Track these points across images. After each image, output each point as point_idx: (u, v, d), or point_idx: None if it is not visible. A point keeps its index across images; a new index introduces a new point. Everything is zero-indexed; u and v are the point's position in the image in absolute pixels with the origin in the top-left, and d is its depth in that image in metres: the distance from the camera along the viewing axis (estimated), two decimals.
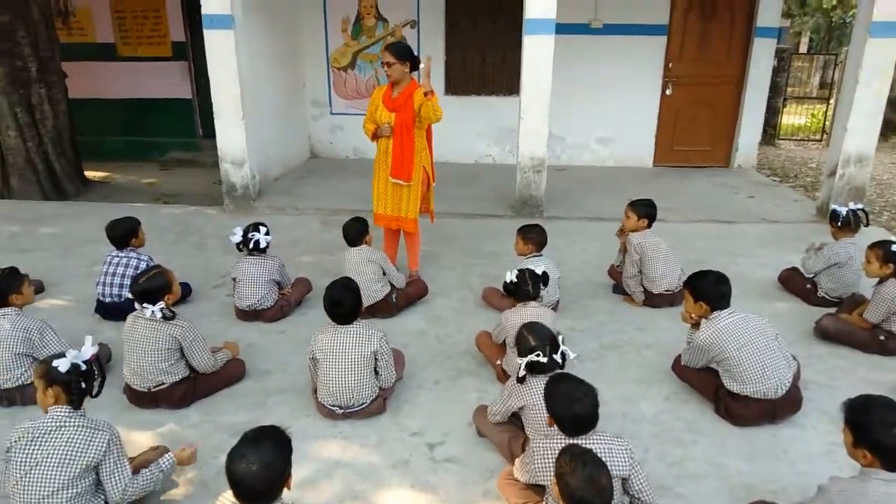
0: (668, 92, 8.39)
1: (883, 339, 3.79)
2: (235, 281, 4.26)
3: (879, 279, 3.82)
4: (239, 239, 4.26)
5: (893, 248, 3.75)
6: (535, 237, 4.25)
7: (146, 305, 3.17)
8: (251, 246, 4.23)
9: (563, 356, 2.78)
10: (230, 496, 1.98)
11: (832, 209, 4.54)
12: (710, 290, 3.19)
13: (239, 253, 4.35)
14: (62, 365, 2.39)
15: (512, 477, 2.57)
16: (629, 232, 4.47)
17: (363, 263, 4.22)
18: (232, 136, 6.45)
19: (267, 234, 4.28)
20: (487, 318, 4.21)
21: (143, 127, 9.65)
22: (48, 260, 5.33)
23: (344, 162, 8.86)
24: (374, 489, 2.76)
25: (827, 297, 4.44)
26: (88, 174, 8.24)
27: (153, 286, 3.20)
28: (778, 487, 2.76)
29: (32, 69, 7.13)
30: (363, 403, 3.18)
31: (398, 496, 2.73)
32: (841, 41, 21.42)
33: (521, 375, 2.75)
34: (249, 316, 4.25)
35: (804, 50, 22.01)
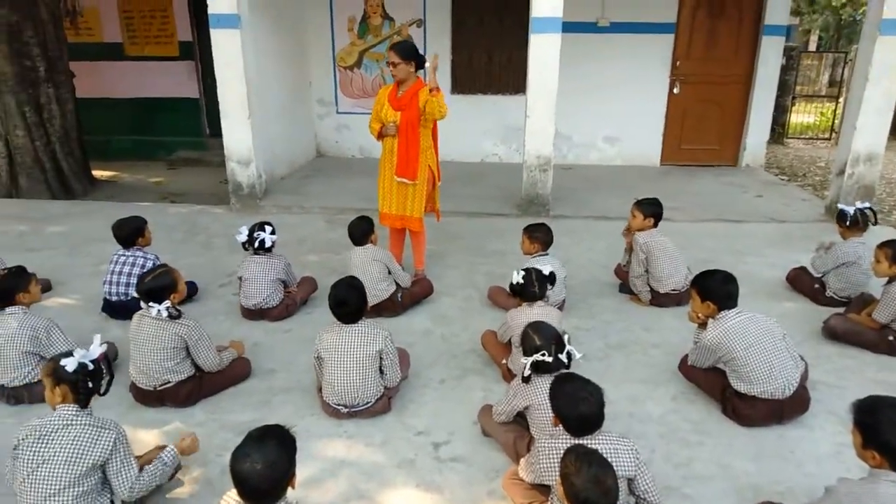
0: (675, 90, 8.35)
1: (892, 339, 3.76)
2: (241, 280, 4.27)
3: (889, 279, 3.79)
4: (245, 238, 4.27)
5: None
6: (541, 236, 4.23)
7: (152, 304, 3.18)
8: (257, 245, 4.24)
9: (568, 356, 2.77)
10: (234, 495, 1.98)
11: (839, 209, 4.50)
12: (717, 289, 3.17)
13: (245, 252, 4.36)
14: (70, 364, 2.41)
15: (517, 477, 2.56)
16: (635, 231, 4.46)
17: (368, 262, 4.22)
18: (238, 135, 6.46)
19: (273, 233, 4.29)
20: (493, 317, 4.21)
21: (150, 126, 9.69)
22: (56, 259, 5.36)
23: (350, 161, 8.88)
24: (378, 488, 2.76)
25: (835, 296, 4.41)
26: (96, 173, 8.29)
27: (159, 285, 3.21)
28: (785, 488, 2.74)
29: (41, 69, 7.17)
30: (368, 402, 3.18)
31: (403, 495, 2.73)
32: (850, 39, 21.30)
33: (526, 375, 2.75)
34: (255, 315, 4.26)
35: (813, 48, 21.85)
